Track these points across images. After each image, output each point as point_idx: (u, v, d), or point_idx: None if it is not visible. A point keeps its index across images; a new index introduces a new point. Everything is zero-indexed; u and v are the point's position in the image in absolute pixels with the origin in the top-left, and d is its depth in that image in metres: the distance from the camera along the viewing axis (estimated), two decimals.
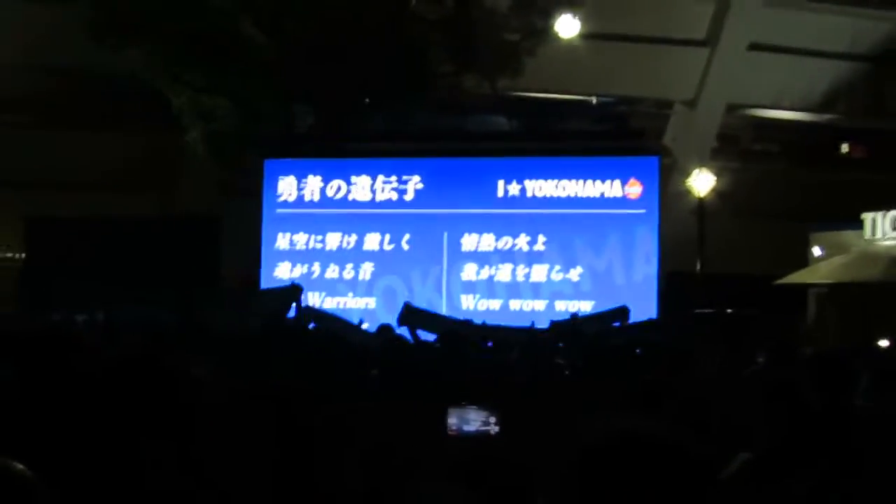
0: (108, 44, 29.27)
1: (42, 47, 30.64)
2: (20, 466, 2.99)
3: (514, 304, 24.65)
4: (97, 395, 5.27)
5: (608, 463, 2.58)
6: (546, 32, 31.10)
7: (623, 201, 25.31)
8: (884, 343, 19.48)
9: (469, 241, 25.35)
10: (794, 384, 8.04)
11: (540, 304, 24.07)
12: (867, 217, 29.75)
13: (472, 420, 7.57)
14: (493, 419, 7.53)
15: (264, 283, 24.86)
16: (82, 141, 31.97)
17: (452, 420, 7.43)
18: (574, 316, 19.22)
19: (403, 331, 15.71)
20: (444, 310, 23.92)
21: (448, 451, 6.56)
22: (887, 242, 29.35)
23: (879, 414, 7.28)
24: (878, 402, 7.51)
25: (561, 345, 14.47)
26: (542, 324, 17.81)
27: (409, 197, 26.22)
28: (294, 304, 18.50)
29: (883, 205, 29.67)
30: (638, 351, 12.81)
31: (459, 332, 14.74)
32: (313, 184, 26.68)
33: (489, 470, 4.86)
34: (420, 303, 21.53)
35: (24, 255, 26.89)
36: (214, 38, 29.66)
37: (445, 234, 25.53)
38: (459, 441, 7.09)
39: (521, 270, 24.88)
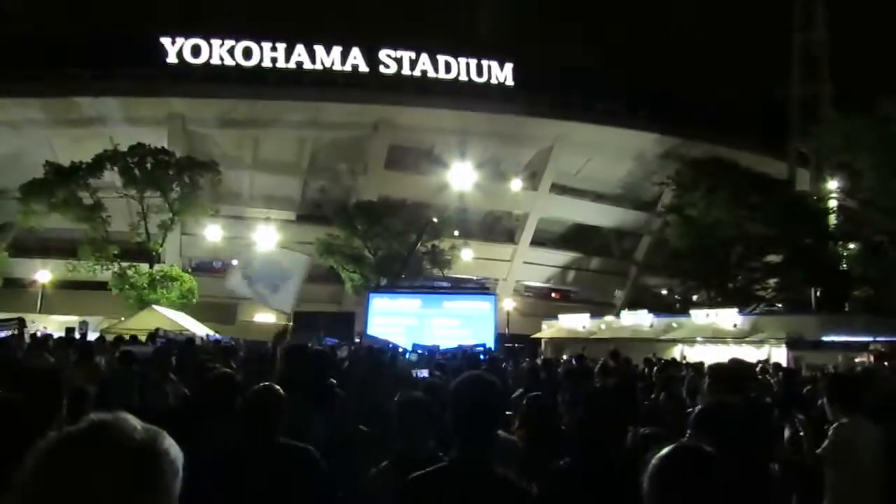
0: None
1: None
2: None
3: (447, 343, 22.95)
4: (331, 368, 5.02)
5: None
6: (459, 258, 30.74)
7: (484, 309, 25.44)
8: (566, 356, 17.39)
9: (435, 323, 24.52)
10: (535, 369, 7.73)
11: (454, 343, 22.38)
12: (560, 317, 29.44)
13: (421, 373, 7.73)
14: (428, 373, 7.68)
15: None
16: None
17: (417, 373, 7.60)
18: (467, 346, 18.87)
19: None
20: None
21: (414, 381, 6.31)
22: (565, 325, 28.67)
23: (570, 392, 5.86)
24: (567, 383, 6.28)
25: (460, 353, 13.38)
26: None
27: (415, 306, 25.51)
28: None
29: (564, 313, 29.98)
30: (483, 356, 12.06)
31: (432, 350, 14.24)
32: (385, 301, 26.13)
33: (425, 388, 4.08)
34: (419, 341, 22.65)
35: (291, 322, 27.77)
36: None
37: (426, 320, 24.69)
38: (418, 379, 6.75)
39: (452, 332, 22.90)
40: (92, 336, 15.18)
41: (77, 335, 14.57)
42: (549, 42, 42.38)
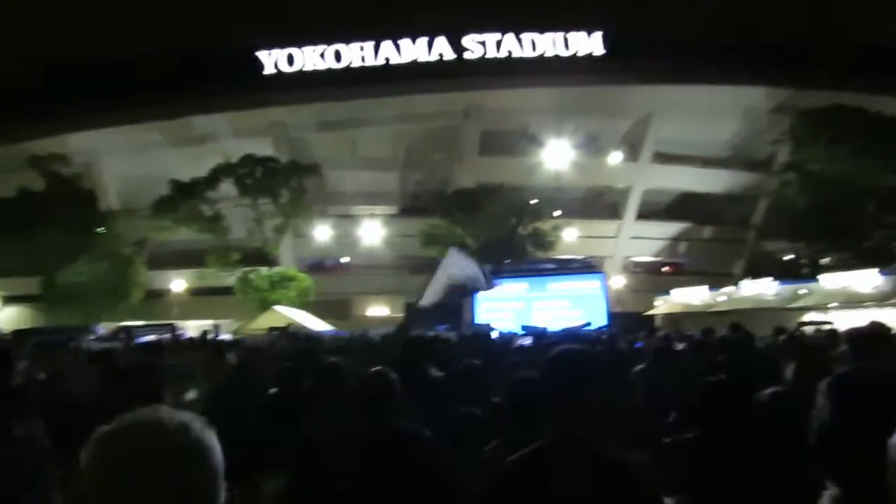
0: None
1: None
2: None
3: (556, 325, 21.89)
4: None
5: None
6: (562, 238, 30.12)
7: (593, 288, 22.85)
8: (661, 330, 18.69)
9: (543, 305, 21.88)
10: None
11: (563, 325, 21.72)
12: (674, 291, 28.37)
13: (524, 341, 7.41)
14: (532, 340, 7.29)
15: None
16: None
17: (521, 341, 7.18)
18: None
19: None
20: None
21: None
22: (679, 300, 27.51)
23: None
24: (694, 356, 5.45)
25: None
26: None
27: (522, 290, 22.57)
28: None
29: (678, 286, 28.77)
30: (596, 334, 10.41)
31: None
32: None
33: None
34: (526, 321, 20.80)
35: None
36: None
37: (534, 303, 22.04)
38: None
39: (561, 313, 19.76)
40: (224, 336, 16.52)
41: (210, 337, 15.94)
42: (638, 6, 39.71)
